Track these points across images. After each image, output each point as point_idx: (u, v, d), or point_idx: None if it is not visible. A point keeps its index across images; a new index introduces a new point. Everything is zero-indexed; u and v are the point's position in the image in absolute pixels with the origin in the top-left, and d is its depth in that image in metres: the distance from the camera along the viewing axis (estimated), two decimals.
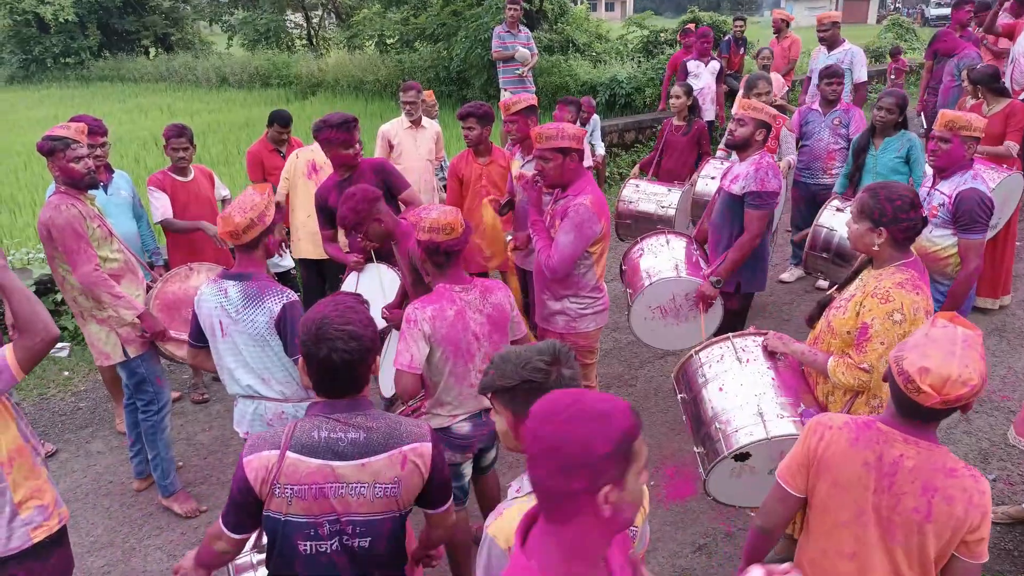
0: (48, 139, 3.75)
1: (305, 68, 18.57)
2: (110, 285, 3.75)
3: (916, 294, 2.74)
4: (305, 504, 1.98)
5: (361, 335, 2.00)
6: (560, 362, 1.81)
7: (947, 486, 1.96)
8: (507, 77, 9.09)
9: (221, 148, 12.59)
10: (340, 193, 4.31)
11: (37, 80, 24.13)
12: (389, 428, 2.05)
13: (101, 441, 4.90)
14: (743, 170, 4.10)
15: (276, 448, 1.99)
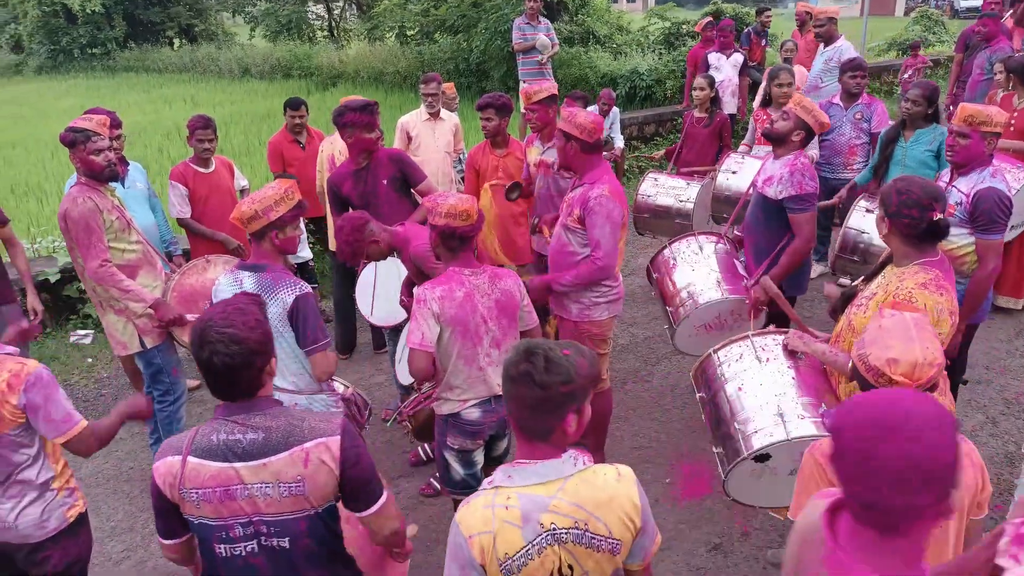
0: (70, 130, 3.81)
1: (326, 59, 18.63)
2: (118, 280, 3.80)
3: (940, 295, 2.68)
4: (212, 507, 1.97)
5: (243, 339, 1.95)
6: (523, 359, 1.77)
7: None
8: (526, 69, 9.06)
9: (243, 139, 12.66)
10: (356, 181, 4.34)
11: (64, 70, 24.42)
12: (289, 426, 2.01)
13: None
14: (777, 171, 4.03)
15: (179, 454, 1.99)
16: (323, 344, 3.00)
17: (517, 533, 1.74)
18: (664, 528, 3.86)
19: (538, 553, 1.75)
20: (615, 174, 7.40)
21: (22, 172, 11.02)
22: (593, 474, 1.83)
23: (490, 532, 1.74)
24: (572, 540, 1.77)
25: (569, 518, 1.76)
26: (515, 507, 1.75)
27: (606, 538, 1.79)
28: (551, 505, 1.76)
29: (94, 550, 3.81)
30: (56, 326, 6.19)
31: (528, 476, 1.79)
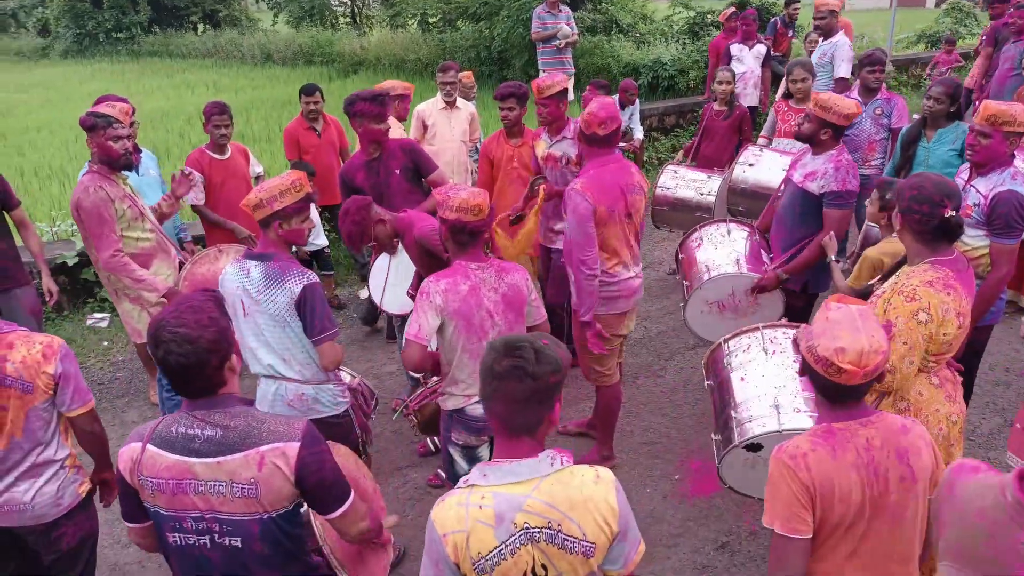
0: (92, 115, 3.82)
1: (348, 46, 18.64)
2: (130, 269, 3.81)
3: (947, 294, 2.64)
4: (165, 497, 1.97)
5: (195, 338, 1.93)
6: (508, 355, 1.76)
7: (911, 442, 2.03)
8: (546, 59, 8.99)
9: (263, 125, 12.70)
10: (368, 172, 4.32)
11: (90, 54, 24.63)
12: (248, 427, 1.99)
13: (136, 411, 5.01)
14: (820, 167, 4.00)
15: (140, 440, 2.00)
16: (331, 334, 2.99)
17: (490, 533, 1.73)
18: (671, 524, 3.84)
19: (511, 553, 1.74)
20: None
21: (46, 155, 11.14)
22: (570, 475, 1.81)
23: (463, 531, 1.73)
24: (545, 540, 1.76)
25: (542, 518, 1.75)
26: (489, 506, 1.74)
27: (579, 540, 1.77)
28: (526, 504, 1.75)
29: (103, 532, 3.88)
30: (73, 309, 6.26)
31: (504, 475, 1.78)
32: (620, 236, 3.77)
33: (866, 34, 16.53)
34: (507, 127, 5.05)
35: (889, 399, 2.83)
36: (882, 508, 2.00)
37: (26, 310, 4.52)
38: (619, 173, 3.73)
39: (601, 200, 3.62)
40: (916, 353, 2.65)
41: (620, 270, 3.82)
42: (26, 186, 9.52)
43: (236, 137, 11.29)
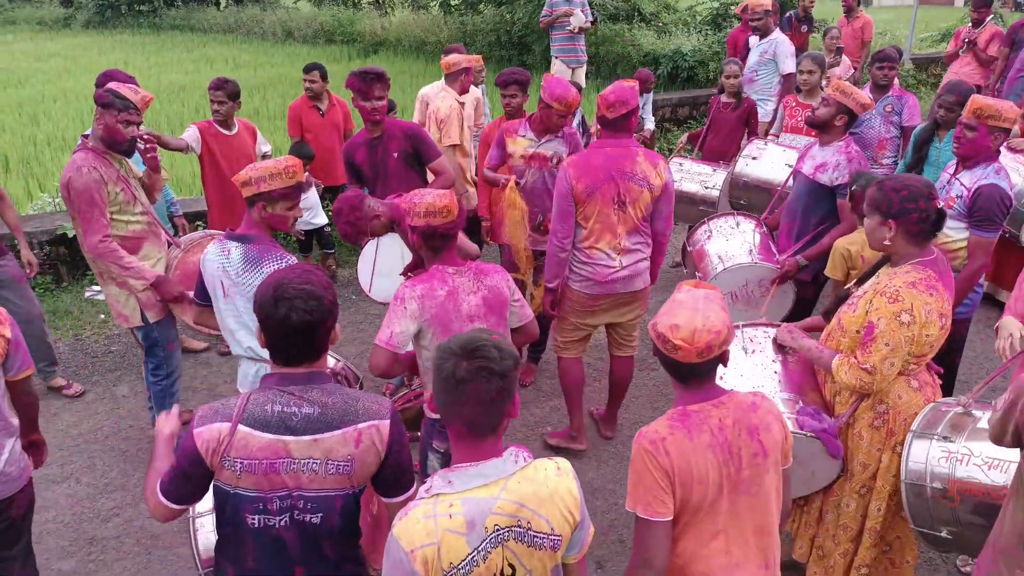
0: (110, 92, 3.74)
1: (369, 26, 18.58)
2: (118, 256, 3.75)
3: (930, 295, 2.61)
4: (255, 479, 1.94)
5: (321, 295, 1.97)
6: (467, 356, 1.70)
7: (760, 418, 2.09)
8: (558, 45, 8.88)
9: (280, 102, 12.67)
10: (368, 151, 4.31)
11: (112, 26, 24.70)
12: (345, 404, 1.99)
13: (127, 385, 5.02)
14: (831, 159, 4.06)
15: (228, 420, 1.95)
16: None
17: (462, 541, 1.69)
18: None
19: (483, 559, 1.71)
20: None
21: (60, 126, 11.19)
22: (534, 470, 1.79)
23: (433, 544, 1.67)
24: (514, 539, 1.73)
25: (512, 518, 1.73)
26: (459, 514, 1.69)
27: (548, 535, 1.76)
28: (495, 507, 1.71)
29: (84, 505, 3.93)
30: (72, 281, 6.29)
31: (470, 479, 1.73)
32: (604, 220, 3.74)
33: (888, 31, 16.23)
34: (511, 115, 4.99)
35: (868, 402, 2.81)
36: (738, 484, 2.06)
37: (16, 278, 4.53)
38: (614, 158, 3.69)
39: (581, 179, 3.66)
40: (898, 355, 2.62)
41: (598, 254, 3.81)
42: (38, 155, 9.56)
43: (252, 114, 11.48)
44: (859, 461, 2.85)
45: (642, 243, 3.86)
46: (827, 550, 3.03)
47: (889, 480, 2.81)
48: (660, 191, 3.74)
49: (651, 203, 3.76)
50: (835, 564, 2.98)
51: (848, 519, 2.93)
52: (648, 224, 3.85)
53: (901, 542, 2.98)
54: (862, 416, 2.82)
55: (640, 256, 3.88)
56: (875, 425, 2.80)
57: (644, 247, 3.88)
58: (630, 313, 4.05)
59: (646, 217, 3.80)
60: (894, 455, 2.79)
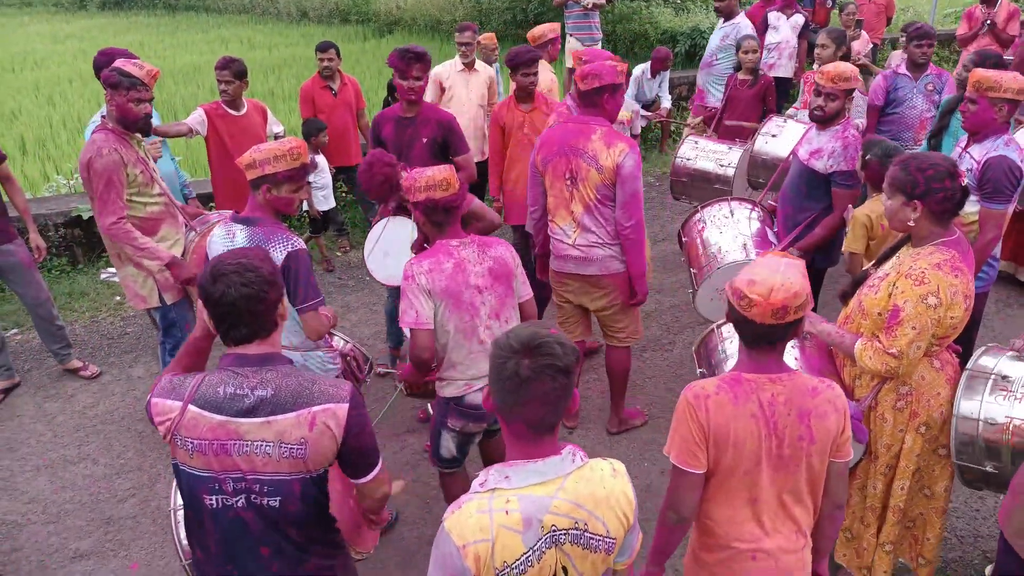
0: (117, 71, 3.72)
1: (384, 5, 18.45)
2: (132, 237, 3.75)
3: (955, 276, 2.55)
4: (206, 459, 1.92)
5: (257, 267, 1.94)
6: (528, 353, 1.62)
7: (817, 405, 2.05)
8: (572, 22, 8.76)
9: (294, 83, 12.60)
10: (396, 128, 4.28)
11: (127, 7, 24.77)
12: (299, 386, 1.95)
13: (143, 367, 5.05)
14: (826, 145, 3.93)
15: (180, 400, 1.94)
16: (314, 303, 2.92)
17: (518, 539, 1.62)
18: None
19: (538, 559, 1.64)
20: (662, 135, 7.05)
21: (76, 107, 11.23)
22: (590, 470, 1.72)
23: (487, 540, 1.60)
24: (570, 541, 1.67)
25: (569, 518, 1.66)
26: (515, 511, 1.62)
27: (603, 537, 1.70)
28: (552, 506, 1.64)
29: (101, 486, 3.96)
30: (88, 263, 6.32)
31: (528, 476, 1.66)
32: (558, 195, 3.74)
33: (911, 7, 15.88)
34: (521, 93, 4.93)
35: (890, 384, 2.77)
36: (778, 460, 2.05)
37: (25, 263, 4.56)
38: (570, 133, 3.65)
39: (540, 150, 3.77)
40: (924, 338, 2.57)
41: (556, 228, 3.82)
42: (54, 137, 9.61)
43: (266, 94, 11.46)
44: (883, 443, 2.82)
45: (599, 228, 3.71)
46: (856, 532, 3.01)
47: (913, 460, 2.80)
48: (611, 174, 3.56)
49: (603, 185, 3.60)
50: (868, 545, 2.97)
51: (875, 500, 2.92)
52: (607, 209, 3.68)
53: (924, 519, 2.96)
54: (885, 398, 2.78)
55: (596, 240, 3.74)
56: (898, 407, 2.77)
57: (603, 233, 3.72)
58: (599, 300, 3.91)
59: (601, 200, 3.65)
60: (918, 435, 2.77)
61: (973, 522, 3.62)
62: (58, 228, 6.10)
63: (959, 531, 3.54)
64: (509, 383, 1.63)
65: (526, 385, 1.62)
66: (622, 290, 3.86)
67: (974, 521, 3.62)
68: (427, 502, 3.83)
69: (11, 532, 3.69)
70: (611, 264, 3.78)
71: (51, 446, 4.29)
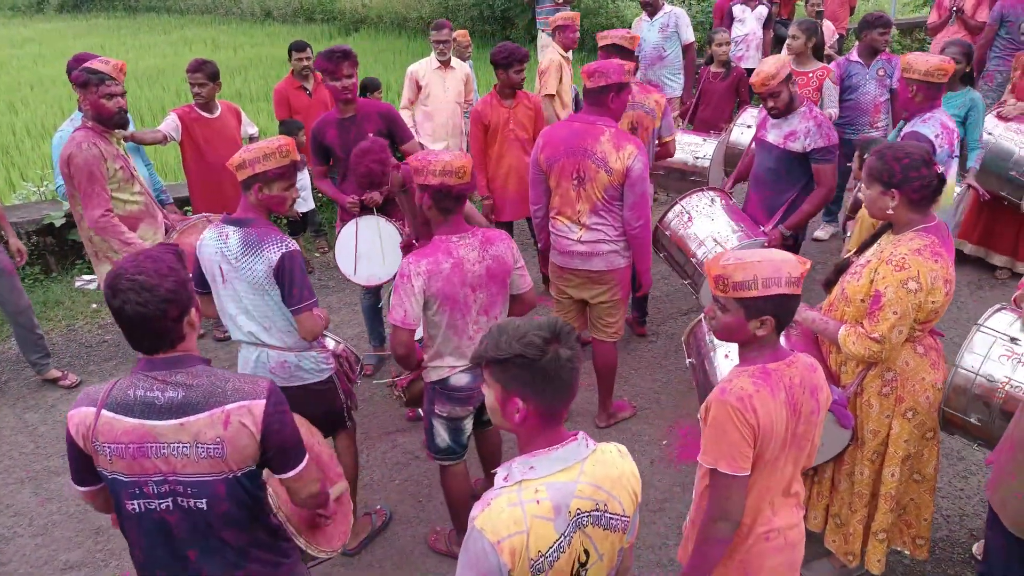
0: (84, 71, 3.72)
1: (349, 3, 18.31)
2: (120, 231, 3.75)
3: (935, 261, 2.62)
4: (125, 463, 1.91)
5: (154, 285, 1.87)
6: (559, 340, 1.67)
7: (819, 378, 2.15)
8: (543, 17, 8.79)
9: (262, 83, 12.51)
10: (340, 131, 4.26)
11: (86, 10, 24.27)
12: (212, 386, 1.94)
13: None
14: (800, 126, 4.07)
15: (94, 404, 1.93)
16: (308, 304, 2.92)
17: (550, 527, 1.64)
18: (658, 490, 3.83)
19: (568, 544, 1.68)
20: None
21: (38, 113, 11.00)
22: (602, 453, 1.77)
23: (523, 532, 1.61)
24: (592, 523, 1.71)
25: (591, 501, 1.70)
26: (545, 500, 1.65)
27: (620, 516, 1.75)
28: (576, 490, 1.68)
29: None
30: (62, 271, 6.21)
31: (552, 463, 1.69)
32: (564, 194, 3.81)
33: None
34: (506, 90, 4.95)
35: (875, 370, 2.82)
36: (793, 439, 2.11)
37: (7, 270, 4.50)
38: (578, 133, 3.70)
39: (544, 149, 3.80)
40: (905, 323, 2.63)
41: (561, 225, 3.89)
42: (18, 144, 9.42)
43: (233, 96, 11.32)
44: (869, 429, 2.87)
45: (606, 225, 3.78)
46: (844, 518, 3.06)
47: (901, 446, 2.85)
48: (620, 176, 3.63)
49: (612, 186, 3.66)
50: (854, 531, 3.01)
51: (862, 486, 2.96)
52: (615, 208, 3.75)
53: (916, 504, 3.02)
54: (870, 384, 2.84)
55: (602, 236, 3.80)
56: (883, 393, 2.82)
57: (610, 230, 3.79)
58: (600, 295, 3.98)
59: (609, 200, 3.72)
60: (904, 421, 2.82)
61: (958, 501, 3.71)
62: (30, 236, 5.98)
63: (945, 511, 3.63)
64: (562, 371, 1.66)
65: (569, 368, 1.67)
66: (622, 284, 3.96)
67: (959, 500, 3.71)
68: (420, 501, 3.84)
69: None
70: (615, 259, 3.87)
71: (34, 458, 4.22)
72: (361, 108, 4.24)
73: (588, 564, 1.74)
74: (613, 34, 4.52)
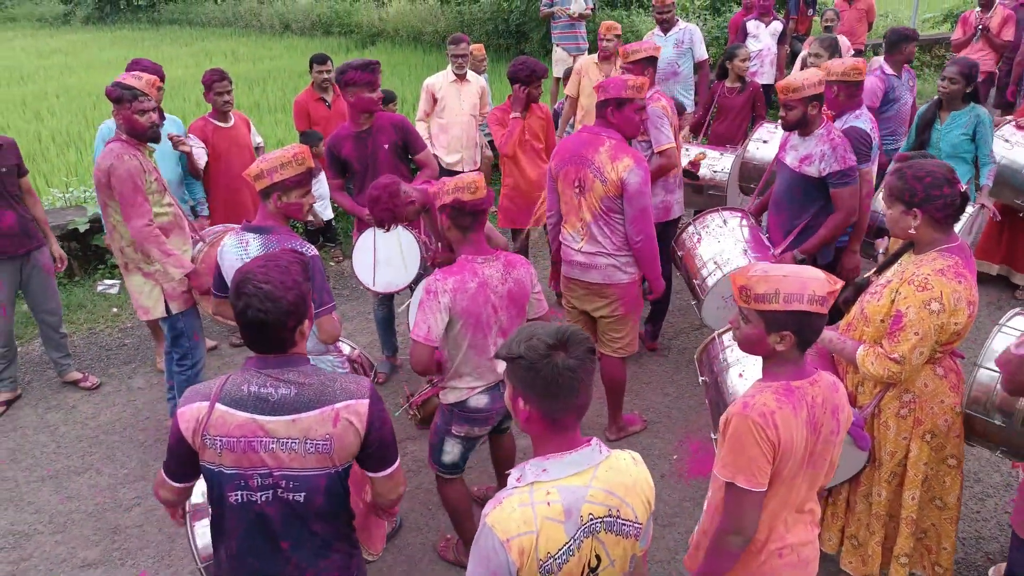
0: (118, 86, 3.78)
1: (366, 17, 18.56)
2: (161, 241, 3.81)
3: (958, 282, 2.58)
4: (235, 456, 1.99)
5: (279, 297, 1.96)
6: (564, 348, 1.69)
7: (840, 399, 2.14)
8: (558, 32, 8.89)
9: (280, 95, 12.68)
10: (356, 144, 4.31)
11: (111, 22, 24.68)
12: (322, 385, 2.03)
13: (142, 377, 5.07)
14: (815, 149, 3.91)
15: (207, 400, 2.01)
16: (328, 307, 3.00)
17: (560, 530, 1.67)
18: (667, 504, 3.85)
19: (578, 548, 1.70)
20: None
21: (63, 122, 11.21)
22: (616, 459, 1.80)
23: (532, 532, 1.64)
24: (604, 529, 1.73)
25: (604, 506, 1.72)
26: (557, 502, 1.67)
27: (633, 523, 1.77)
28: (589, 495, 1.71)
29: (106, 496, 3.98)
30: (84, 275, 6.33)
31: (565, 467, 1.71)
32: (569, 203, 3.88)
33: (890, 12, 16.18)
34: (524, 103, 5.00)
35: (894, 391, 2.79)
36: (811, 457, 2.11)
37: (46, 270, 4.67)
38: (582, 143, 3.76)
39: (555, 158, 3.91)
40: (927, 344, 2.59)
41: (566, 234, 3.96)
42: (44, 151, 9.59)
43: (251, 107, 11.48)
44: (887, 450, 2.84)
45: (605, 237, 3.79)
46: (862, 540, 3.02)
47: (921, 469, 2.81)
48: (615, 188, 3.65)
49: (607, 197, 3.68)
50: (872, 553, 2.97)
51: (880, 508, 2.92)
52: (613, 220, 3.76)
53: (936, 529, 2.97)
54: (888, 405, 2.81)
55: (600, 249, 3.81)
56: (901, 414, 2.79)
57: (608, 243, 3.80)
58: (602, 308, 3.98)
59: (607, 211, 3.73)
60: (923, 443, 2.79)
61: (975, 524, 3.68)
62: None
63: (961, 533, 3.59)
64: (560, 378, 1.68)
65: (575, 374, 1.69)
66: (624, 300, 3.92)
67: (976, 523, 3.68)
68: (430, 508, 3.87)
69: (19, 542, 3.71)
70: (614, 274, 3.85)
71: (55, 457, 4.31)
72: (376, 120, 4.30)
73: (599, 569, 1.76)
74: (645, 47, 4.56)
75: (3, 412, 4.68)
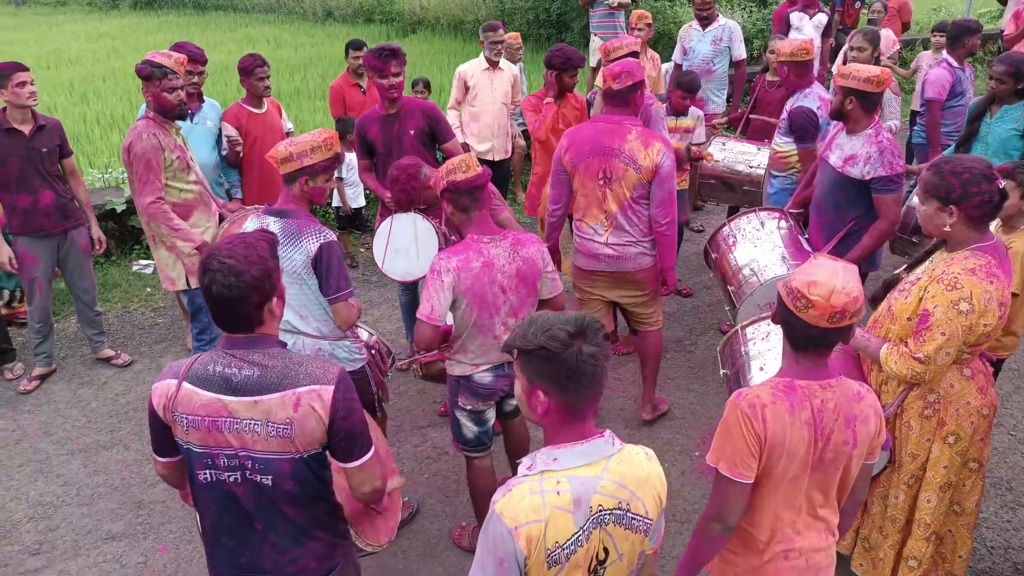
0: (148, 63, 3.89)
1: (407, 5, 18.57)
2: (168, 217, 3.92)
3: (990, 282, 2.49)
4: (200, 434, 2.00)
5: (241, 271, 1.95)
6: (584, 336, 1.68)
7: (861, 410, 2.06)
8: (597, 22, 8.79)
9: (320, 81, 12.73)
10: (383, 127, 4.35)
11: (158, 7, 25.06)
12: (286, 368, 2.01)
13: (172, 356, 5.16)
14: (860, 150, 3.72)
15: (176, 377, 2.03)
16: (345, 293, 3.01)
17: (569, 519, 1.66)
18: (687, 501, 3.81)
19: (587, 539, 1.69)
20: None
21: (109, 104, 11.42)
22: (629, 453, 1.78)
23: (540, 520, 1.63)
24: (613, 521, 1.72)
25: (614, 498, 1.70)
26: (566, 491, 1.66)
27: (643, 518, 1.75)
28: (599, 486, 1.69)
29: (132, 470, 4.07)
30: (120, 255, 6.46)
31: (576, 457, 1.70)
32: (590, 195, 3.81)
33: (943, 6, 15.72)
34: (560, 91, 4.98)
35: (917, 391, 2.72)
36: (819, 462, 2.06)
37: (82, 250, 4.77)
38: (603, 133, 3.71)
39: (569, 150, 3.81)
40: (953, 345, 2.51)
41: (586, 228, 3.90)
42: (88, 133, 9.79)
43: (292, 93, 11.59)
44: (908, 451, 2.78)
45: (632, 226, 3.81)
46: (874, 542, 2.97)
47: (940, 472, 2.74)
48: (649, 174, 3.66)
49: (640, 184, 3.68)
50: (884, 556, 2.92)
51: (896, 511, 2.86)
52: (641, 207, 3.76)
53: (952, 536, 2.90)
54: (912, 405, 2.74)
55: (630, 238, 3.83)
56: (925, 415, 2.73)
57: (636, 231, 3.82)
58: (633, 297, 4.01)
59: (637, 199, 3.74)
60: (945, 446, 2.71)
61: (1004, 533, 3.60)
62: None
63: (989, 542, 3.52)
64: (584, 366, 1.66)
65: (597, 361, 1.67)
66: (652, 282, 4.00)
67: (1005, 532, 3.60)
68: (447, 496, 3.89)
69: (47, 512, 3.81)
70: (642, 260, 3.91)
71: (85, 431, 4.41)
72: (405, 105, 4.32)
73: (607, 563, 1.74)
74: (626, 44, 4.56)
75: (38, 386, 4.80)
